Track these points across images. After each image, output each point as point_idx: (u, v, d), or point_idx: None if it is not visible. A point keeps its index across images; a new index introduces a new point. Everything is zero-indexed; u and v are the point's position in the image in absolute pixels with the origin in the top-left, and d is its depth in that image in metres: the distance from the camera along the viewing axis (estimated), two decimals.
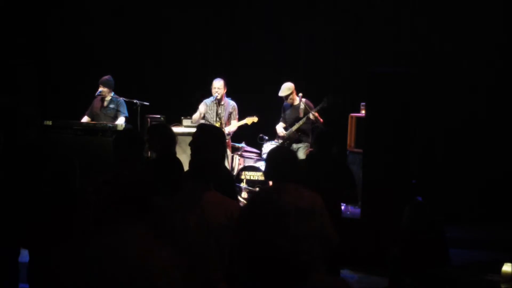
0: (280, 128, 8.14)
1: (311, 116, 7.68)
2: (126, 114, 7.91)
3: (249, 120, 7.98)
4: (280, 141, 8.10)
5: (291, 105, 7.98)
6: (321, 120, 7.73)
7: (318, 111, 7.75)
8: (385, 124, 6.25)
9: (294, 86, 7.92)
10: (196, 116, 7.93)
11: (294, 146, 7.93)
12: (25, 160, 4.20)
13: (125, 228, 2.24)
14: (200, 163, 3.02)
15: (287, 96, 7.90)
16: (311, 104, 7.88)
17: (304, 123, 7.81)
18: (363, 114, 7.34)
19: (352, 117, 8.03)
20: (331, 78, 8.87)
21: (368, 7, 8.95)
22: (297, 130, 7.88)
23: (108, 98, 7.88)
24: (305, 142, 7.90)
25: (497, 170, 8.07)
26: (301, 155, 7.66)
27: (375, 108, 6.43)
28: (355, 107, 8.01)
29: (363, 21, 8.94)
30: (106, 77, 7.90)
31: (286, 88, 7.90)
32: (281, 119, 8.19)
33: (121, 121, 7.74)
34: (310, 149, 7.52)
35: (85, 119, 7.84)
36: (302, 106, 7.86)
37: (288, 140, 8.01)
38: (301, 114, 7.87)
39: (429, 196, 6.18)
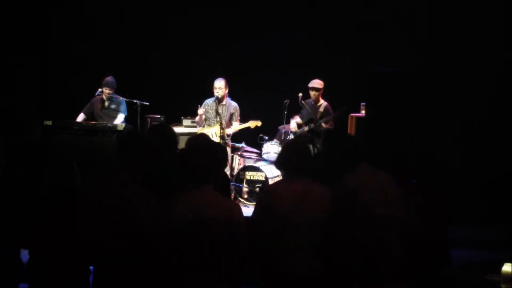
0: (294, 123, 8.09)
1: (323, 124, 7.67)
2: (126, 113, 7.91)
3: (252, 123, 7.93)
4: (290, 137, 8.04)
5: (312, 103, 7.93)
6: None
7: (333, 119, 7.70)
8: (385, 124, 6.25)
9: (323, 87, 7.92)
10: (197, 118, 7.94)
11: None
12: (25, 160, 4.20)
13: None
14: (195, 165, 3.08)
15: (312, 89, 7.87)
16: (330, 110, 7.83)
17: (317, 125, 7.72)
18: (363, 114, 7.35)
19: (352, 117, 8.01)
20: (332, 78, 8.87)
21: (368, 7, 8.94)
22: (309, 131, 7.82)
23: (108, 98, 7.89)
24: (315, 143, 7.81)
25: (497, 170, 8.07)
26: None
27: (375, 108, 6.42)
28: (355, 107, 8.01)
29: (363, 21, 8.94)
30: (108, 78, 7.91)
31: (318, 82, 7.91)
32: (299, 114, 8.15)
33: (120, 120, 7.75)
34: None
35: (81, 116, 7.81)
36: (321, 109, 7.82)
37: (298, 138, 7.95)
38: (317, 116, 7.82)
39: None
